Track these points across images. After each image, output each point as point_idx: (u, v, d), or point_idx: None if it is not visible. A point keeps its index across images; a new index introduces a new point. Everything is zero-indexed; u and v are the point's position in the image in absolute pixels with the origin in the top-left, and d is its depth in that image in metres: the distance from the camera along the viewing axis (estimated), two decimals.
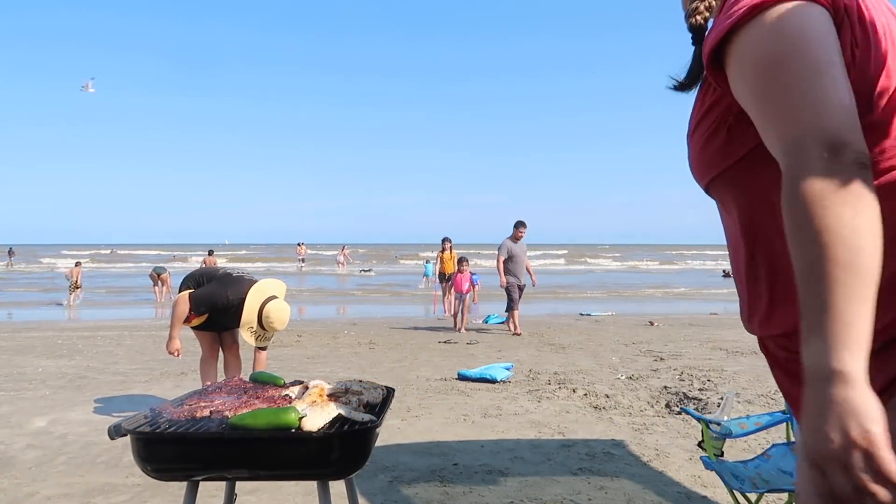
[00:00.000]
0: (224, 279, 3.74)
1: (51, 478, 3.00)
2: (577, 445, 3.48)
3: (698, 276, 24.88)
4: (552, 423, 3.89)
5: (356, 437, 1.58)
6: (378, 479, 2.95)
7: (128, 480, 2.94)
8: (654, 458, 3.27)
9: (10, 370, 5.65)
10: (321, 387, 1.87)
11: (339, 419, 1.63)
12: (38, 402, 4.45)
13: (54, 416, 4.08)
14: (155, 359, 6.15)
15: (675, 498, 2.77)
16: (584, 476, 3.00)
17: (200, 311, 3.68)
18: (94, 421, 3.98)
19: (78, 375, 5.41)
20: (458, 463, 3.18)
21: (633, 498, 2.75)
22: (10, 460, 3.26)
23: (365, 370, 5.61)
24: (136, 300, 14.80)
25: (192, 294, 3.65)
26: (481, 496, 2.76)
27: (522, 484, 2.91)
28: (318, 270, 27.71)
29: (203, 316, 3.73)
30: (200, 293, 3.65)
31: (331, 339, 7.53)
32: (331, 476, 1.60)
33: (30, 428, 3.83)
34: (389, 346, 7.05)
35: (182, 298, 3.63)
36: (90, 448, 3.44)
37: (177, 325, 3.65)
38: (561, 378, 5.25)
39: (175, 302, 3.68)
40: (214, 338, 3.97)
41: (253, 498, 2.73)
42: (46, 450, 3.42)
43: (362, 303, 14.33)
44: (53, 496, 2.78)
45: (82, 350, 6.76)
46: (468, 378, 5.19)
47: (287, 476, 1.59)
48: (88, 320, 10.39)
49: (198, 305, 3.65)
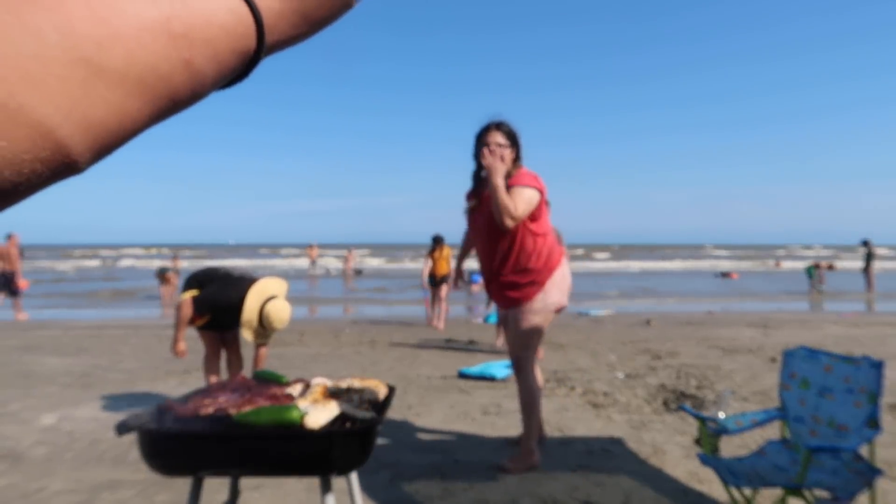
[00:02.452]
0: (225, 279, 3.78)
1: (59, 473, 3.06)
2: (575, 442, 3.53)
3: (695, 276, 24.85)
4: (551, 421, 3.94)
5: (358, 435, 1.62)
6: (379, 476, 3.00)
7: (134, 476, 3.00)
8: (651, 454, 3.32)
9: (20, 368, 5.72)
10: (323, 385, 1.91)
11: (341, 417, 1.67)
12: (47, 400, 4.51)
13: (62, 413, 4.14)
14: (160, 357, 6.21)
15: (672, 494, 2.81)
16: (583, 472, 3.05)
17: (203, 313, 3.74)
18: (101, 418, 4.04)
19: (85, 373, 5.47)
20: (458, 459, 3.23)
21: (631, 494, 2.80)
22: (20, 456, 3.32)
23: (366, 369, 5.65)
24: (142, 299, 14.88)
25: (195, 298, 3.69)
26: (481, 492, 2.81)
27: (522, 480, 2.96)
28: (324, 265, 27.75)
29: (206, 317, 3.78)
30: (202, 297, 3.70)
31: (332, 338, 7.58)
32: (332, 472, 1.63)
33: (39, 424, 3.90)
34: (390, 345, 7.10)
35: (185, 302, 3.68)
36: (97, 444, 3.50)
37: (181, 328, 3.70)
38: (560, 376, 5.29)
39: (178, 305, 3.73)
40: (217, 336, 4.02)
41: (256, 493, 2.78)
42: (55, 446, 3.48)
43: (363, 302, 14.38)
44: (62, 491, 2.84)
45: (89, 348, 6.82)
46: (468, 376, 5.23)
47: (289, 472, 1.63)
48: (94, 319, 10.46)
49: (200, 308, 3.70)
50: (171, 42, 0.25)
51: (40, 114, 0.21)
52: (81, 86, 0.22)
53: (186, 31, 0.25)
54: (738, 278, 22.75)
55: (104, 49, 0.22)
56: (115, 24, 0.23)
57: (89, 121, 0.22)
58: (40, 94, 0.21)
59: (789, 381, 2.67)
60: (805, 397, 2.59)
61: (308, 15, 0.32)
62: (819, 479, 2.23)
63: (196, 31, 0.26)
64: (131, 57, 0.23)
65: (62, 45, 0.21)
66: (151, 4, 0.25)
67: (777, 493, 2.49)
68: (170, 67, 0.25)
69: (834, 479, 2.24)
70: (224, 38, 0.27)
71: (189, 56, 0.25)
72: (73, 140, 0.22)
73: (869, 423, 2.32)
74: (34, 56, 0.21)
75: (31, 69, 0.20)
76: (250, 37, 0.29)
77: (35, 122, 0.21)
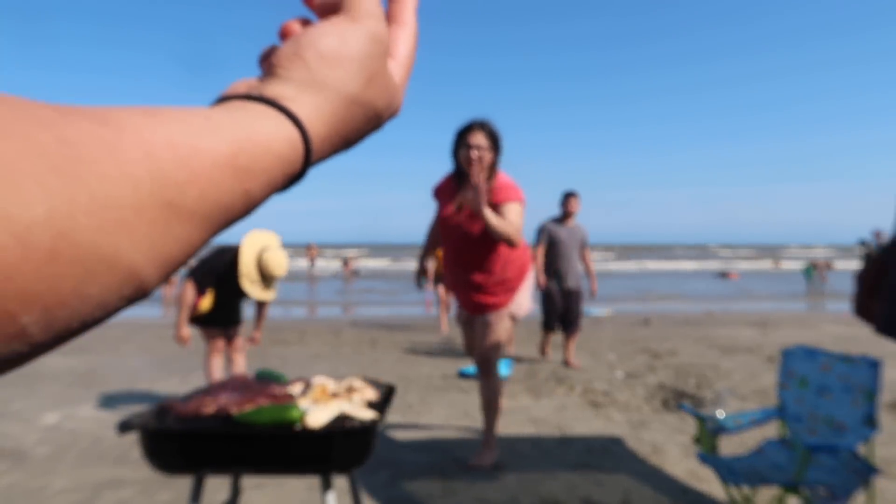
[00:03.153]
0: (216, 249, 3.86)
1: (62, 471, 3.08)
2: (575, 441, 3.54)
3: (693, 276, 24.84)
4: (551, 420, 3.95)
5: (358, 434, 1.63)
6: (380, 475, 3.01)
7: (136, 474, 3.01)
8: (650, 453, 3.33)
9: (23, 367, 5.73)
10: (324, 384, 1.93)
11: (342, 416, 1.69)
12: (50, 399, 4.53)
13: (65, 412, 4.16)
14: (162, 357, 6.23)
15: (671, 492, 2.82)
16: (582, 471, 3.06)
17: (205, 286, 3.76)
18: (103, 417, 4.06)
19: (87, 372, 5.49)
20: (458, 459, 3.24)
21: (630, 492, 2.81)
22: (23, 454, 3.34)
23: (366, 368, 5.67)
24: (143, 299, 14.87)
25: (193, 271, 3.75)
26: (481, 491, 2.82)
27: (521, 479, 2.97)
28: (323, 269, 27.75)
29: (210, 295, 3.80)
30: (198, 269, 3.76)
31: (333, 338, 7.60)
32: (333, 472, 1.64)
33: (41, 423, 3.91)
34: (391, 345, 7.11)
35: (186, 285, 3.73)
36: (100, 443, 3.51)
37: (184, 312, 3.72)
38: (559, 375, 5.30)
39: (181, 293, 3.76)
40: (219, 335, 4.04)
41: (258, 492, 2.80)
42: (57, 444, 3.49)
43: (364, 303, 14.39)
44: (64, 489, 2.86)
45: (91, 348, 6.84)
46: (469, 375, 5.25)
47: (290, 471, 1.64)
48: None
49: (201, 282, 3.73)
50: (235, 175, 0.26)
51: (131, 260, 0.22)
52: (164, 227, 0.23)
53: (250, 165, 0.27)
54: (738, 278, 22.75)
55: (184, 191, 0.24)
56: (194, 165, 0.24)
57: (165, 257, 0.23)
58: (132, 240, 0.22)
59: (788, 380, 2.68)
60: (803, 396, 2.60)
61: (347, 138, 0.34)
62: (817, 478, 2.24)
63: (257, 163, 0.27)
64: (204, 195, 0.25)
65: (152, 191, 0.22)
66: (223, 141, 0.26)
67: (775, 491, 2.50)
68: (232, 199, 0.26)
69: (832, 477, 2.25)
70: (279, 167, 0.29)
71: (249, 187, 0.27)
72: (151, 276, 0.23)
73: (867, 421, 2.33)
74: (131, 206, 0.22)
75: (128, 217, 0.21)
76: (299, 161, 0.31)
77: (126, 267, 0.22)
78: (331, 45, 0.33)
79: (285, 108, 0.30)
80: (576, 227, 5.67)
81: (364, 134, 0.36)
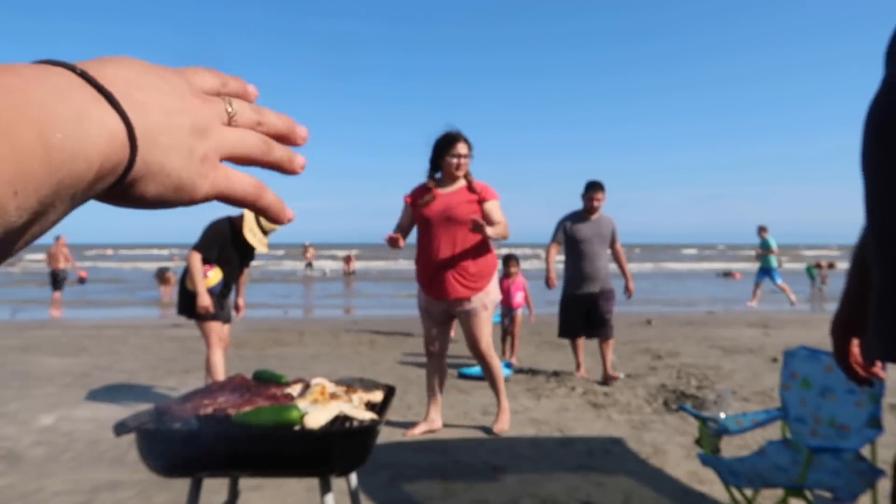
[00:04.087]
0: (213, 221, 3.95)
1: (58, 474, 3.05)
2: (575, 443, 3.52)
3: (694, 276, 24.85)
4: (551, 421, 3.93)
5: (357, 435, 1.61)
6: (379, 476, 2.99)
7: (133, 477, 2.99)
8: (651, 454, 3.31)
9: (18, 368, 5.71)
10: (323, 385, 1.91)
11: (341, 417, 1.67)
12: (46, 400, 4.50)
13: (61, 414, 4.14)
14: (159, 357, 6.20)
15: (672, 494, 2.80)
16: (583, 473, 3.04)
17: (212, 253, 3.84)
18: (99, 418, 4.03)
19: (84, 373, 5.46)
20: (458, 460, 3.22)
21: (631, 494, 2.79)
22: (19, 457, 3.31)
23: (366, 369, 5.65)
24: (141, 299, 14.87)
25: (197, 247, 3.84)
26: (481, 493, 2.80)
27: (522, 481, 2.95)
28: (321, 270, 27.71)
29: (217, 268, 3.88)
30: (201, 237, 3.86)
31: (332, 338, 7.58)
32: (332, 473, 1.63)
33: (37, 425, 3.89)
34: (391, 345, 7.09)
35: (192, 255, 3.81)
36: (96, 445, 3.49)
37: (199, 281, 3.77)
38: (560, 376, 5.29)
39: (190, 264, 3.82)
40: (220, 334, 4.03)
41: (256, 494, 2.78)
42: (53, 446, 3.47)
43: (364, 302, 14.37)
44: (60, 492, 2.83)
45: (88, 348, 6.81)
46: (469, 376, 5.23)
47: (289, 473, 1.63)
48: (93, 319, 10.45)
49: (207, 249, 3.82)
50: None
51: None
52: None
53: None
54: (741, 278, 22.74)
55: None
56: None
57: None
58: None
59: (790, 381, 2.66)
60: (806, 397, 2.58)
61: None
62: (820, 480, 2.22)
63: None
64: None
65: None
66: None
67: (778, 493, 2.48)
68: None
69: (835, 479, 2.23)
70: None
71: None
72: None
73: (871, 423, 2.31)
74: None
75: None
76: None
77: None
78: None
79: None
80: (601, 219, 5.09)
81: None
